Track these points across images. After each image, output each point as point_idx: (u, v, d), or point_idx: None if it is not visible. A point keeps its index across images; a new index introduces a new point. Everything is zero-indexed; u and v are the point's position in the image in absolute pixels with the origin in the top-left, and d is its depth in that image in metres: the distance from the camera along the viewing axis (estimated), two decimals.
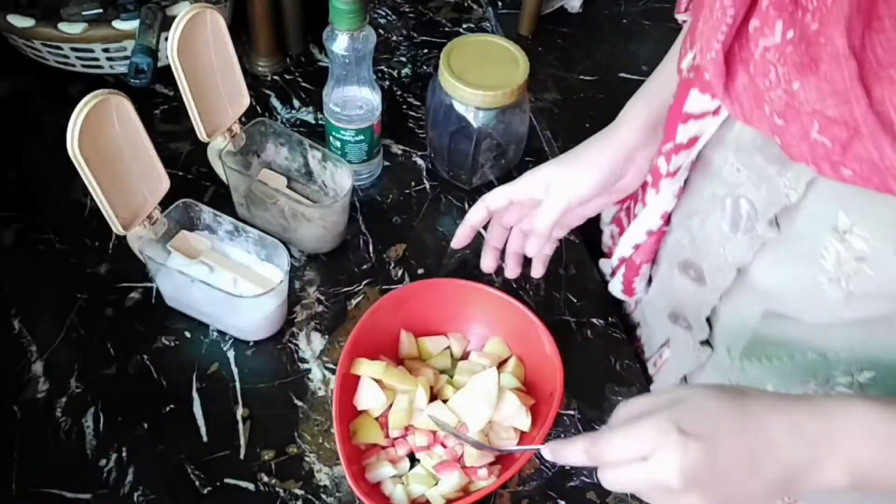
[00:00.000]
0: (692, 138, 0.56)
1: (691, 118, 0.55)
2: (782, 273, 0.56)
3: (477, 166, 0.84)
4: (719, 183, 0.57)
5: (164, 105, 0.91)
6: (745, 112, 0.48)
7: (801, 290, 0.55)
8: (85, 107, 0.58)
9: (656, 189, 0.62)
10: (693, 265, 0.63)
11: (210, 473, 0.65)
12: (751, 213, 0.54)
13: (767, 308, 0.59)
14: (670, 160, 0.59)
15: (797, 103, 0.43)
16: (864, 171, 0.43)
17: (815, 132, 0.43)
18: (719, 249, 0.59)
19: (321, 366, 0.72)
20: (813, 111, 0.43)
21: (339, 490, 0.65)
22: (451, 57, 0.79)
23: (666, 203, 0.63)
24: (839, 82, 0.40)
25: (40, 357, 0.70)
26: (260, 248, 0.72)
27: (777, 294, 0.57)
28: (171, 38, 0.66)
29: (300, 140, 0.79)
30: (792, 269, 0.55)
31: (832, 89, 0.41)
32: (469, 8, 1.10)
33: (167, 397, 0.69)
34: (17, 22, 0.83)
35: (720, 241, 0.58)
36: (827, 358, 0.58)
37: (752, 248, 0.56)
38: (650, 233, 0.67)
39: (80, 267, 0.76)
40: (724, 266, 0.59)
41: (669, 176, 0.60)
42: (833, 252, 0.51)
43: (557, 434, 0.70)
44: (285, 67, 0.98)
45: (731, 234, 0.57)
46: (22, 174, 0.83)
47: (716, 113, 0.54)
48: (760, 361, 0.63)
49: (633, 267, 0.71)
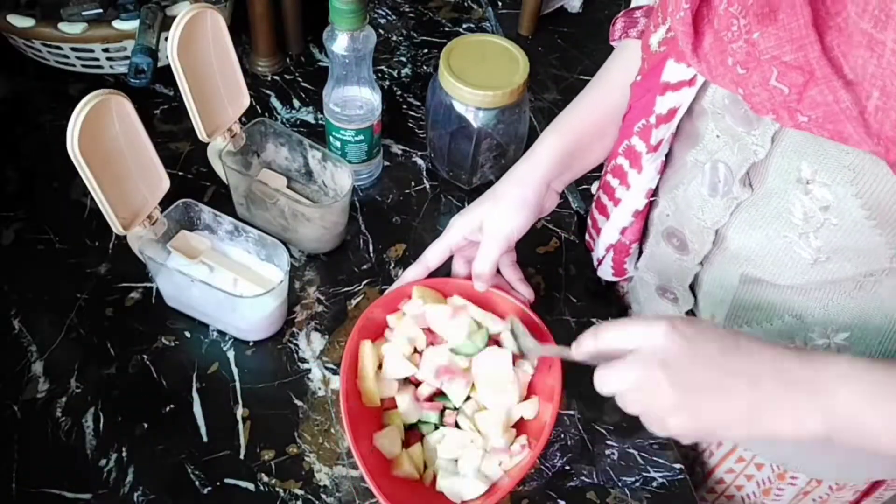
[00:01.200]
0: (671, 109, 0.58)
1: (669, 89, 0.57)
2: (756, 234, 0.58)
3: (477, 166, 0.84)
4: (700, 150, 0.59)
5: (164, 105, 0.91)
6: (710, 69, 0.50)
7: (774, 250, 0.57)
8: (85, 107, 0.58)
9: (638, 169, 0.64)
10: (676, 233, 0.65)
11: (210, 473, 0.65)
12: (727, 176, 0.56)
13: (745, 272, 0.61)
14: (650, 135, 0.61)
15: (757, 52, 0.46)
16: (818, 118, 0.45)
17: (774, 79, 0.46)
18: (699, 213, 0.60)
19: (321, 366, 0.72)
20: (772, 58, 0.45)
21: (339, 490, 0.65)
22: (451, 57, 0.79)
23: (649, 180, 0.65)
24: (795, 29, 0.43)
25: (40, 357, 0.70)
26: (260, 248, 0.72)
27: (752, 257, 0.59)
28: (171, 38, 0.66)
29: (300, 140, 0.79)
30: (764, 229, 0.57)
31: (789, 36, 0.44)
32: (469, 8, 1.10)
33: (167, 397, 0.69)
34: (17, 22, 0.83)
35: (700, 205, 0.60)
36: (803, 320, 0.60)
37: (728, 209, 0.58)
38: (636, 213, 0.68)
39: (80, 267, 0.76)
40: (703, 230, 0.61)
41: (652, 151, 0.62)
42: (799, 206, 0.53)
43: (557, 434, 0.70)
44: (285, 67, 0.98)
45: (710, 197, 0.59)
46: (22, 174, 0.83)
47: (692, 82, 0.55)
48: (741, 328, 0.64)
49: (622, 248, 0.72)
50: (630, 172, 0.65)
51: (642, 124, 0.61)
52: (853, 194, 0.49)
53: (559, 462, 0.69)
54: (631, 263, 0.74)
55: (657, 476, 0.69)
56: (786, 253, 0.56)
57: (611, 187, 0.69)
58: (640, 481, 0.68)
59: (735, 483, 0.77)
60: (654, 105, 0.59)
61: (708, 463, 0.78)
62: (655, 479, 0.68)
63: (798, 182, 0.52)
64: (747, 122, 0.52)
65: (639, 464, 0.69)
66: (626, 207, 0.68)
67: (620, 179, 0.67)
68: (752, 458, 0.73)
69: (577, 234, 0.85)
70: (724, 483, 0.78)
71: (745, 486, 0.76)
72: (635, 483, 0.68)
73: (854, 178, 0.48)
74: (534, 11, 1.16)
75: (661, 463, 0.69)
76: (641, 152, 0.63)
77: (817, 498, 0.74)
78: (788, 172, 0.52)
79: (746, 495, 0.77)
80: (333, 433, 0.68)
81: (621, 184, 0.67)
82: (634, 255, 0.73)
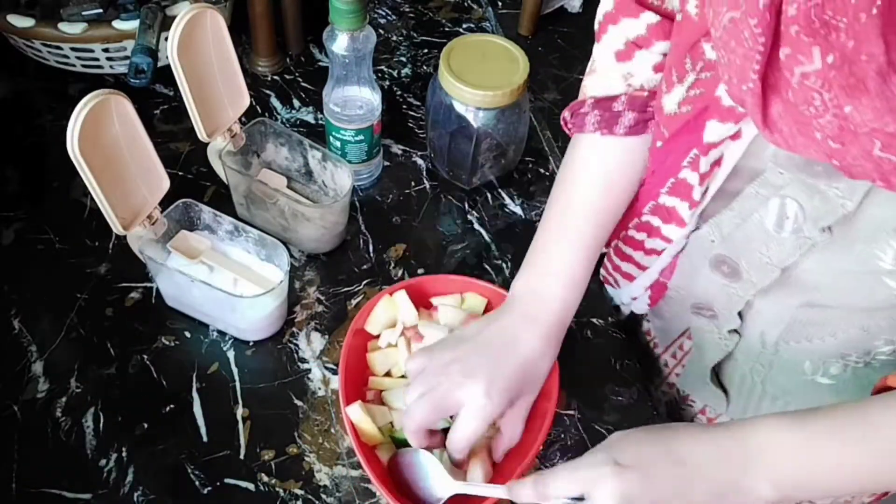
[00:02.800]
0: (714, 163, 0.56)
1: (712, 148, 0.55)
2: (831, 271, 0.55)
3: (477, 166, 0.84)
4: (761, 184, 0.55)
5: (164, 105, 0.91)
6: (786, 139, 0.46)
7: (850, 287, 0.55)
8: (85, 107, 0.58)
9: (678, 222, 0.62)
10: (727, 261, 0.61)
11: (210, 473, 0.65)
12: (798, 215, 0.53)
13: (808, 300, 0.59)
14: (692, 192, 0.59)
15: (852, 125, 0.42)
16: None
17: (878, 150, 0.42)
18: (762, 248, 0.57)
19: (321, 366, 0.72)
20: (872, 131, 0.41)
21: (339, 490, 0.65)
22: (451, 57, 0.79)
23: (691, 227, 0.62)
24: (893, 99, 0.39)
25: (40, 357, 0.70)
26: (260, 248, 0.72)
27: (822, 288, 0.57)
28: (171, 38, 0.66)
29: (300, 140, 0.79)
30: (842, 266, 0.54)
31: (888, 106, 0.39)
32: (469, 8, 1.10)
33: (167, 397, 0.69)
34: (17, 22, 0.83)
35: (763, 239, 0.57)
36: (870, 332, 0.58)
37: (800, 249, 0.55)
38: (676, 254, 0.66)
39: (80, 267, 0.76)
40: (766, 265, 0.58)
41: (695, 206, 0.60)
42: (891, 252, 0.51)
43: (558, 434, 0.70)
44: (285, 67, 0.98)
45: (776, 233, 0.55)
46: (22, 174, 0.83)
47: (734, 137, 0.53)
48: (799, 343, 0.62)
49: (660, 286, 0.70)
50: (665, 227, 0.63)
51: (672, 182, 0.59)
52: None
53: (559, 462, 0.69)
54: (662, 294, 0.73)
55: None
56: (865, 287, 0.54)
57: (637, 241, 0.67)
58: None
59: None
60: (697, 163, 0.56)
61: None
62: None
63: (894, 231, 0.49)
64: (827, 177, 0.50)
65: None
66: (667, 253, 0.66)
67: (650, 234, 0.65)
68: None
69: None
70: None
71: None
72: None
73: None
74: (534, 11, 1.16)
75: None
76: (679, 211, 0.60)
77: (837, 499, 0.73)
78: (883, 223, 0.50)
79: None
80: (333, 433, 0.68)
81: (652, 236, 0.65)
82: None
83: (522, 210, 0.87)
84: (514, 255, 0.82)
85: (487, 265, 0.81)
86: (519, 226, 0.85)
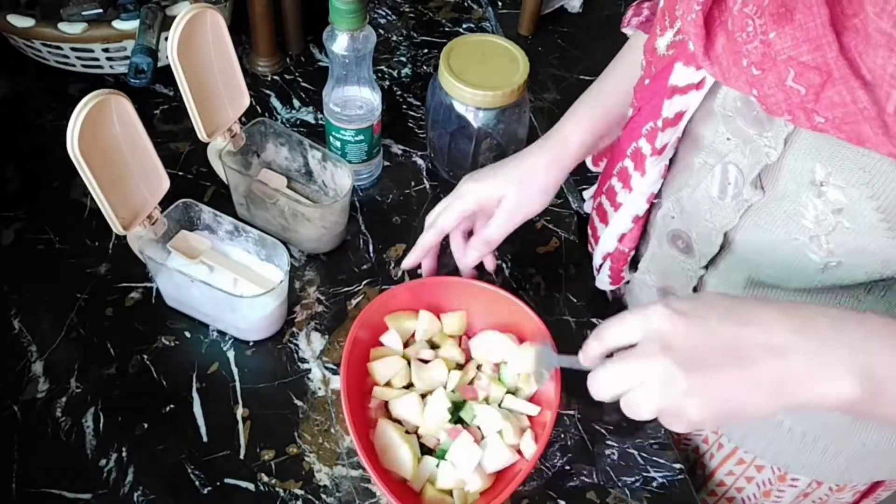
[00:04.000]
0: (678, 113, 0.58)
1: (676, 93, 0.57)
2: (765, 237, 0.57)
3: (477, 166, 0.84)
4: (709, 153, 0.58)
5: (164, 105, 0.91)
6: (723, 72, 0.49)
7: (783, 254, 0.57)
8: (85, 107, 0.58)
9: (642, 171, 0.64)
10: (682, 235, 0.64)
11: (210, 473, 0.65)
12: (738, 179, 0.56)
13: (751, 276, 0.60)
14: (655, 138, 0.61)
15: (773, 52, 0.45)
16: (836, 119, 0.44)
17: (791, 80, 0.45)
18: (706, 216, 0.60)
19: (321, 366, 0.72)
20: (788, 59, 0.44)
21: (339, 490, 0.65)
22: (451, 57, 0.79)
23: (651, 184, 0.64)
24: (812, 29, 0.43)
25: (40, 357, 0.70)
26: (260, 248, 0.72)
27: (760, 260, 0.59)
28: (171, 38, 0.66)
29: (300, 140, 0.79)
30: (774, 231, 0.56)
31: (805, 36, 0.43)
32: (469, 8, 1.10)
33: (167, 397, 0.69)
34: (17, 22, 0.83)
35: (708, 207, 0.60)
36: None
37: (738, 212, 0.57)
38: (636, 218, 0.68)
39: (80, 267, 0.76)
40: (711, 232, 0.60)
41: (656, 154, 0.62)
42: (812, 209, 0.52)
43: (557, 434, 0.70)
44: (285, 67, 0.98)
45: (720, 200, 0.58)
46: (22, 174, 0.83)
47: (699, 86, 0.55)
48: None
49: (620, 256, 0.72)
50: (634, 175, 0.65)
51: (650, 127, 0.61)
52: (868, 196, 0.49)
53: (559, 462, 0.69)
54: (627, 270, 0.74)
55: (657, 476, 0.69)
56: (795, 257, 0.56)
57: (614, 191, 0.69)
58: (640, 481, 0.68)
59: (735, 485, 0.77)
60: (662, 109, 0.59)
61: (708, 465, 0.78)
62: (655, 479, 0.68)
63: (811, 184, 0.51)
64: (759, 124, 0.52)
65: (639, 464, 0.69)
66: (626, 212, 0.68)
67: (624, 183, 0.67)
68: (753, 459, 0.73)
69: (576, 234, 0.85)
70: (724, 485, 0.78)
71: (745, 489, 0.76)
72: (635, 483, 0.68)
73: (870, 181, 0.48)
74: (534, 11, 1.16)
75: (661, 463, 0.69)
76: (646, 155, 0.62)
77: (817, 500, 0.74)
78: (802, 174, 0.52)
79: (747, 497, 0.77)
80: (333, 433, 0.68)
81: (624, 187, 0.67)
82: (628, 261, 0.73)
83: None
84: (514, 255, 0.82)
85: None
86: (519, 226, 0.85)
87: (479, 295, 0.72)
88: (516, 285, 0.80)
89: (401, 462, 0.63)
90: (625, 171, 0.66)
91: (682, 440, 0.79)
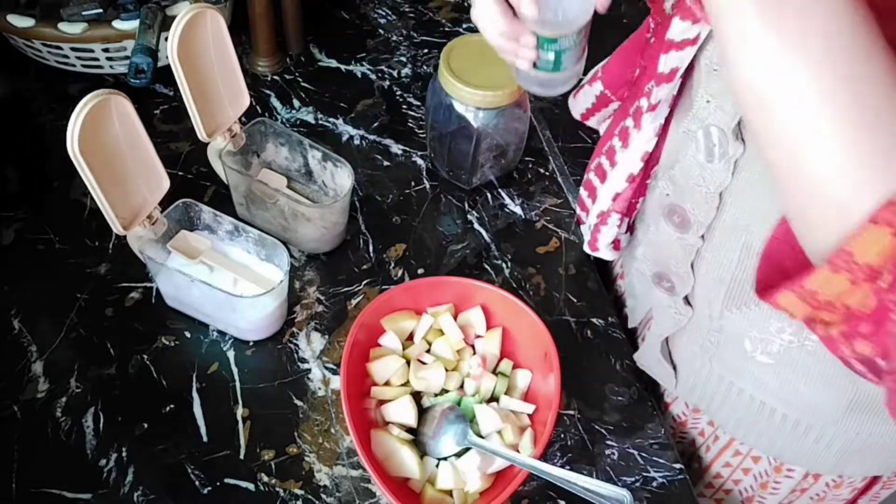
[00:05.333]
0: (673, 69, 0.58)
1: (672, 48, 0.57)
2: (757, 194, 0.57)
3: (477, 166, 0.84)
4: (691, 119, 0.59)
5: (164, 105, 0.91)
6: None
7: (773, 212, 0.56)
8: (85, 107, 0.58)
9: (638, 126, 0.64)
10: (677, 209, 0.64)
11: (210, 473, 0.65)
12: (721, 139, 0.56)
13: (746, 240, 0.60)
14: (651, 94, 0.61)
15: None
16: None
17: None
18: (699, 181, 0.60)
19: (321, 366, 0.72)
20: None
21: (339, 490, 0.65)
22: (451, 57, 0.78)
23: (646, 141, 0.64)
24: None
25: (40, 357, 0.70)
26: (260, 248, 0.72)
27: (752, 222, 0.59)
28: (171, 38, 0.66)
29: (300, 140, 0.79)
30: (762, 187, 0.56)
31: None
32: (469, 8, 1.09)
33: (167, 397, 0.69)
34: (17, 22, 0.83)
35: (699, 173, 0.60)
36: None
37: (729, 170, 0.57)
38: (631, 178, 0.68)
39: (80, 267, 0.76)
40: (706, 196, 0.61)
41: (651, 110, 0.62)
42: None
43: (557, 434, 0.70)
44: (285, 67, 0.98)
45: (708, 163, 0.58)
46: (22, 174, 0.83)
47: (694, 41, 0.55)
48: (740, 310, 0.64)
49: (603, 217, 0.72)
50: (632, 133, 0.65)
51: (651, 85, 0.61)
52: None
53: (559, 462, 0.69)
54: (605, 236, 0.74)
55: (657, 476, 0.69)
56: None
57: (613, 150, 0.69)
58: (640, 481, 0.68)
59: (732, 477, 0.77)
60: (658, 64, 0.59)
61: (705, 458, 0.78)
62: (655, 478, 0.68)
63: None
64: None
65: (639, 464, 0.69)
66: (621, 169, 0.68)
67: (623, 141, 0.67)
68: (749, 451, 0.73)
69: (577, 234, 0.85)
70: (721, 477, 0.78)
71: (742, 480, 0.76)
72: (635, 483, 0.68)
73: None
74: None
75: (660, 463, 0.69)
76: (643, 110, 0.63)
77: (815, 495, 0.74)
78: None
79: (744, 489, 0.77)
80: (333, 433, 0.68)
81: (623, 146, 0.67)
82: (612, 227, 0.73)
83: (522, 210, 0.87)
84: (514, 254, 0.82)
85: (487, 265, 0.81)
86: (519, 225, 0.85)
87: (479, 295, 0.72)
88: (516, 285, 0.80)
89: (405, 465, 0.64)
90: (625, 131, 0.67)
91: (678, 433, 0.79)
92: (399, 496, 0.60)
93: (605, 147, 0.71)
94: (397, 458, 0.64)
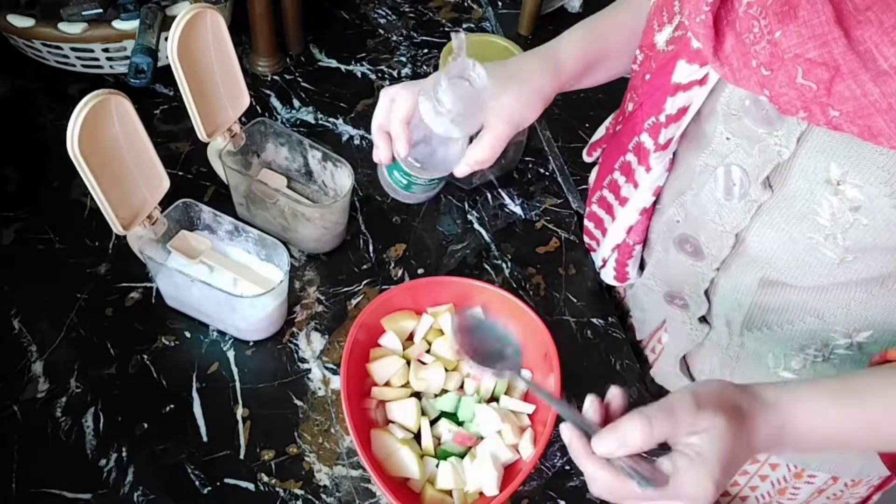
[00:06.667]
0: (681, 109, 0.58)
1: (680, 89, 0.57)
2: (778, 236, 0.57)
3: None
4: (710, 154, 0.58)
5: (164, 105, 0.91)
6: (734, 73, 0.49)
7: (797, 252, 0.56)
8: (85, 107, 0.58)
9: (646, 167, 0.64)
10: (690, 239, 0.64)
11: (210, 473, 0.65)
12: (743, 179, 0.56)
13: (764, 275, 0.60)
14: (659, 134, 0.60)
15: (780, 51, 0.46)
16: (849, 112, 0.45)
17: (801, 77, 0.46)
18: (715, 218, 0.60)
19: (321, 366, 0.72)
20: (795, 56, 0.45)
21: (339, 490, 0.65)
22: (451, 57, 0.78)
23: (657, 178, 0.64)
24: (817, 26, 0.43)
25: (40, 357, 0.70)
26: (260, 248, 0.72)
27: (773, 259, 0.59)
28: (171, 38, 0.66)
29: (300, 140, 0.79)
30: (787, 231, 0.56)
31: (811, 33, 0.44)
32: (469, 8, 1.10)
33: (167, 397, 0.69)
34: (17, 22, 0.83)
35: (716, 210, 0.59)
36: (825, 320, 0.60)
37: (748, 212, 0.57)
38: (643, 211, 0.67)
39: (80, 267, 0.76)
40: (721, 234, 0.60)
41: (660, 150, 0.61)
42: (827, 206, 0.52)
43: (558, 434, 0.70)
44: (285, 67, 0.98)
45: (726, 201, 0.58)
46: (22, 174, 0.83)
47: (702, 82, 0.55)
48: (761, 331, 0.63)
49: (626, 250, 0.72)
50: (638, 170, 0.65)
51: (652, 122, 0.61)
52: (887, 194, 0.48)
53: (559, 462, 0.69)
54: (633, 268, 0.74)
55: None
56: (810, 254, 0.56)
57: (617, 185, 0.68)
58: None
59: (749, 484, 0.77)
60: (665, 104, 0.58)
61: None
62: None
63: (826, 183, 0.51)
64: (769, 122, 0.52)
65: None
66: (633, 206, 0.67)
67: (627, 177, 0.66)
68: (767, 459, 0.73)
69: (576, 234, 0.85)
70: (737, 485, 0.77)
71: (759, 487, 0.76)
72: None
73: (888, 179, 0.48)
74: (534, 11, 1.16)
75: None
76: (650, 150, 0.62)
77: (832, 496, 0.73)
78: (815, 173, 0.51)
79: (761, 495, 0.77)
80: (333, 433, 0.68)
81: (628, 181, 0.67)
82: (637, 259, 0.73)
83: (522, 210, 0.87)
84: (514, 254, 0.82)
85: (487, 265, 0.81)
86: (519, 226, 0.85)
87: (479, 295, 0.72)
88: (516, 285, 0.80)
89: (405, 465, 0.64)
90: (628, 165, 0.66)
91: None
92: (399, 496, 0.60)
93: (607, 181, 0.70)
94: (397, 458, 0.64)
